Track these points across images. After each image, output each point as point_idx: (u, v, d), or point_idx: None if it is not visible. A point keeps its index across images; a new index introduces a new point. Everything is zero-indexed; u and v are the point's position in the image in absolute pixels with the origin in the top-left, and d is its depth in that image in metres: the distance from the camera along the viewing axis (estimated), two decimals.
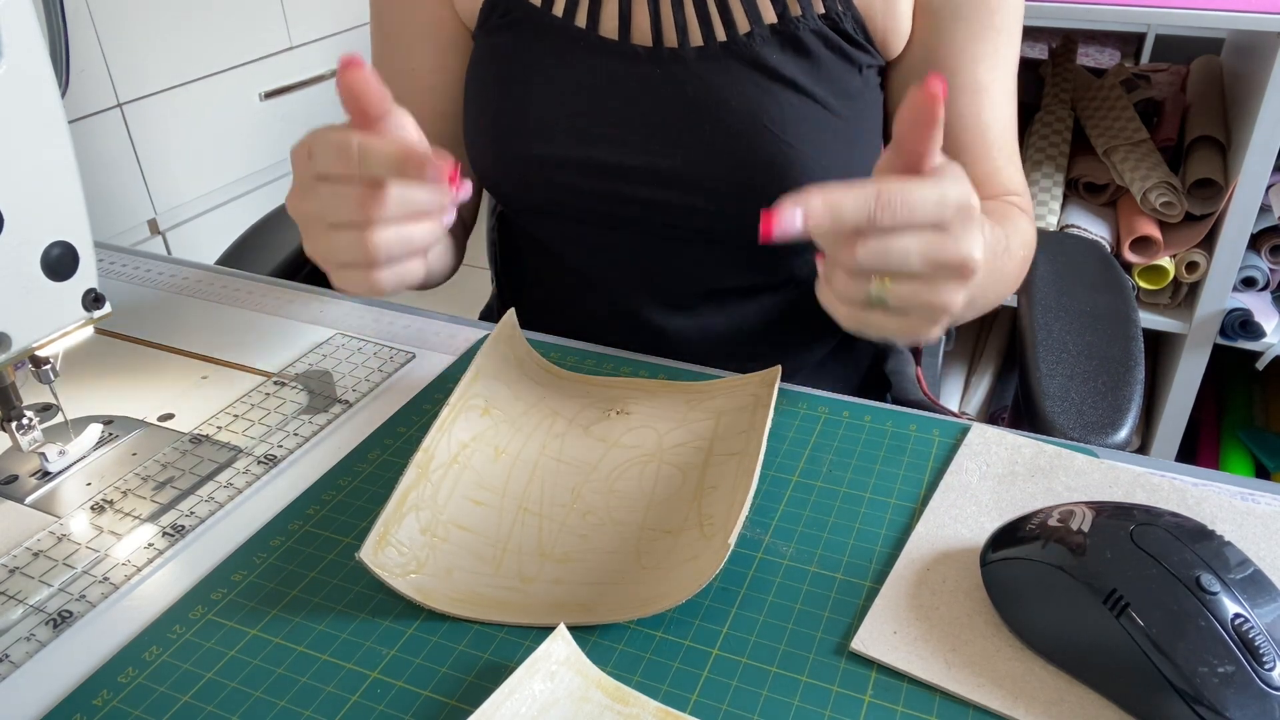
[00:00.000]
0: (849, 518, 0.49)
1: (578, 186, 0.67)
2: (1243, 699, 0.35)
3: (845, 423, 0.56)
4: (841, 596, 0.44)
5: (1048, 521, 0.42)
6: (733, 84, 0.63)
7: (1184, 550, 0.38)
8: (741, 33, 0.62)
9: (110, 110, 1.61)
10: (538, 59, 0.66)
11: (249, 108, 1.81)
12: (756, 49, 0.62)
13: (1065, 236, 1.25)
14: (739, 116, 0.62)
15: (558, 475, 0.53)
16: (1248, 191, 1.29)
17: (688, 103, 0.63)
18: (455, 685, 0.41)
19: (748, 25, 0.62)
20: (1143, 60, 1.88)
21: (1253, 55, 1.34)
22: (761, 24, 0.62)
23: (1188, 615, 0.36)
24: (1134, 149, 1.42)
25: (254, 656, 0.42)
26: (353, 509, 0.51)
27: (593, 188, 0.66)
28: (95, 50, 1.57)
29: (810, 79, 0.63)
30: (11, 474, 0.54)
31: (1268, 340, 1.39)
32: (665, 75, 0.64)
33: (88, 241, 0.50)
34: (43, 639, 0.44)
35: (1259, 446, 1.50)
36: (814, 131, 0.63)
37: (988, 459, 0.52)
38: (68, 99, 0.50)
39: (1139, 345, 0.72)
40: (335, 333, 0.68)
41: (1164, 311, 1.44)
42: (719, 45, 0.63)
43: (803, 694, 0.40)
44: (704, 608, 0.44)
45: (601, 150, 0.65)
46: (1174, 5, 1.28)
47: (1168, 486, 0.49)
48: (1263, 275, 1.38)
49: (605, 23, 0.64)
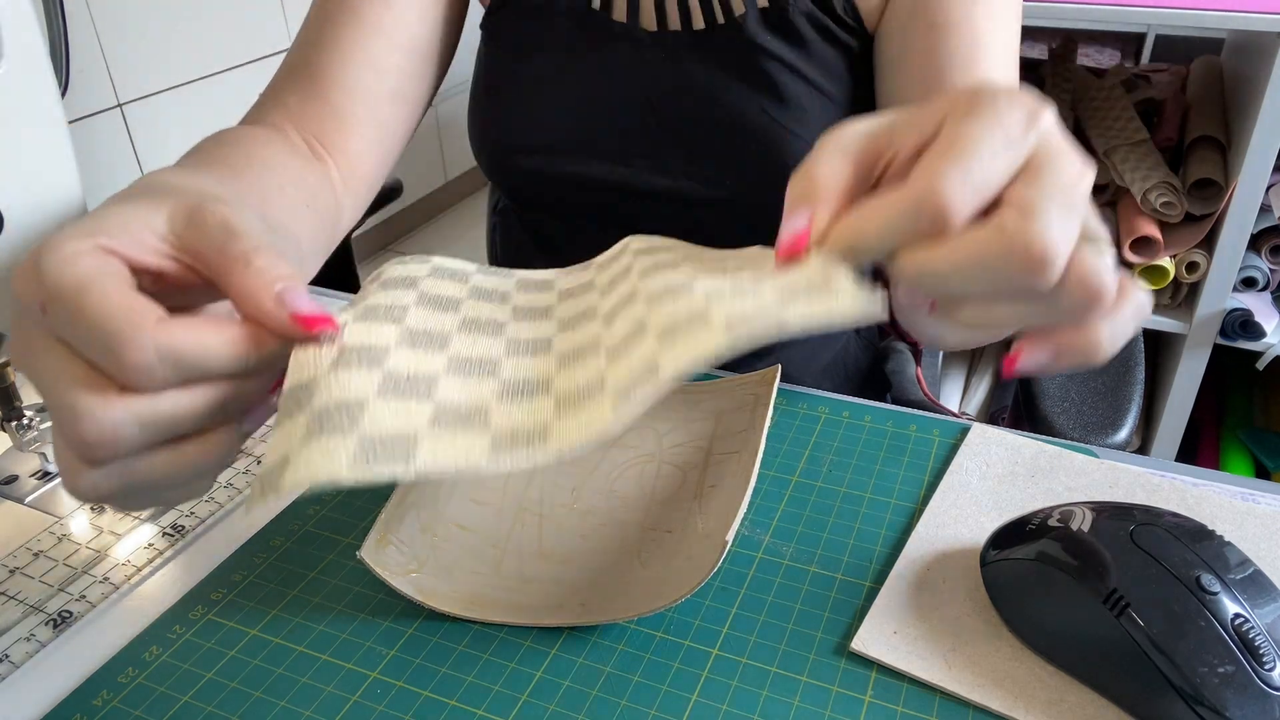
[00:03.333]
0: (849, 518, 0.49)
1: (581, 181, 0.67)
2: (1243, 699, 0.35)
3: (845, 423, 0.56)
4: (841, 596, 0.44)
5: (1048, 521, 0.42)
6: (730, 67, 0.63)
7: (1184, 550, 0.38)
8: (736, 15, 0.63)
9: (110, 110, 1.61)
10: (548, 46, 0.66)
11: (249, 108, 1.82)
12: (750, 32, 0.62)
13: None
14: (736, 99, 0.63)
15: (558, 475, 0.53)
16: (1248, 191, 1.29)
17: (688, 87, 0.64)
18: (455, 685, 0.41)
19: (742, 8, 0.63)
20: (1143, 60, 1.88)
21: (1253, 55, 1.34)
22: (754, 6, 0.63)
23: (1188, 615, 0.36)
24: (1134, 149, 1.42)
25: (254, 656, 0.42)
26: (353, 509, 0.51)
27: (596, 181, 0.67)
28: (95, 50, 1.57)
29: (802, 62, 0.63)
30: (11, 474, 0.54)
31: (1268, 340, 1.39)
32: (668, 59, 0.64)
33: None
34: (43, 639, 0.44)
35: (1259, 446, 1.50)
36: (809, 115, 0.63)
37: (988, 459, 0.52)
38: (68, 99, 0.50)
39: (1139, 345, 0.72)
40: None
41: (1164, 312, 1.44)
42: (718, 28, 0.63)
43: (803, 694, 0.40)
44: (704, 608, 0.44)
45: (608, 137, 0.66)
46: (1174, 5, 1.28)
47: (1168, 486, 0.49)
48: (1263, 275, 1.38)
49: (616, 7, 0.65)
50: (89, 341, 0.29)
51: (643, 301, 0.37)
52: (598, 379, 0.35)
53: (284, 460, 0.30)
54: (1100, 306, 0.31)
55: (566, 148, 0.67)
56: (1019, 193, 0.30)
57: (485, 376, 0.36)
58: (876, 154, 0.34)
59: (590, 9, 0.65)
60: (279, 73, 0.64)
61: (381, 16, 0.63)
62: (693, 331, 0.32)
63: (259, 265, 0.31)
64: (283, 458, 0.30)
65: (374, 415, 0.32)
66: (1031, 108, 0.31)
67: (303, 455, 0.30)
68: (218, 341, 0.30)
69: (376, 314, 0.37)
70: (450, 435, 0.32)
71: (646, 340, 0.34)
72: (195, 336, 0.30)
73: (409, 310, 0.38)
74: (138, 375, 0.29)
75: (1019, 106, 0.31)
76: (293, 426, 0.31)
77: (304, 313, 0.31)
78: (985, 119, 0.30)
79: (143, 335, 0.29)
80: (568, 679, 0.41)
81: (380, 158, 0.65)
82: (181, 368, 0.30)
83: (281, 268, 0.32)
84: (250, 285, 0.31)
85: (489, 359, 0.37)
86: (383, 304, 0.38)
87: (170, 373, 0.30)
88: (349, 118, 0.62)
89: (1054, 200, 0.29)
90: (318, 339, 0.33)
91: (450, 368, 0.36)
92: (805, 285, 0.32)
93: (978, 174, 0.30)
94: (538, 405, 0.35)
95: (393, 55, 0.64)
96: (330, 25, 0.63)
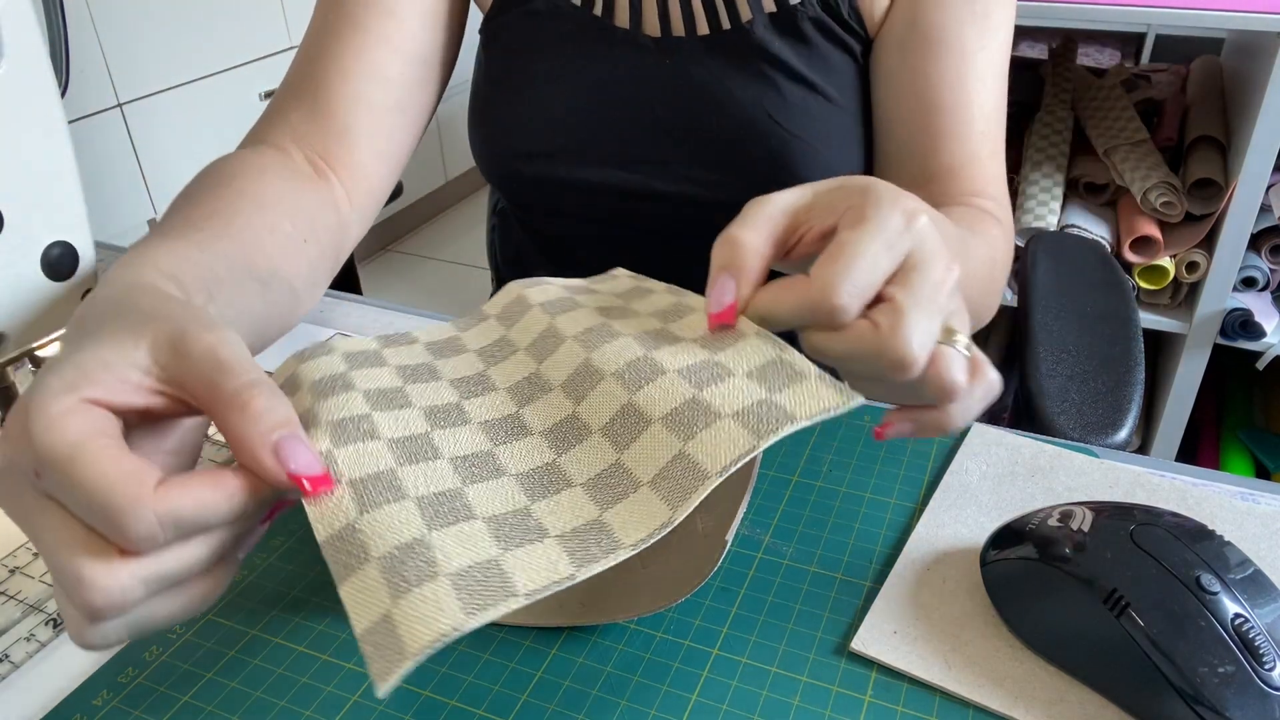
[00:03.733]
0: (849, 518, 0.49)
1: (584, 186, 0.67)
2: (1243, 699, 0.35)
3: (845, 423, 0.56)
4: (841, 596, 0.44)
5: (1048, 521, 0.42)
6: (735, 73, 0.63)
7: (1184, 550, 0.38)
8: (744, 20, 0.63)
9: (110, 110, 1.61)
10: (550, 52, 0.66)
11: (249, 108, 1.81)
12: (758, 37, 0.62)
13: (1065, 236, 1.25)
14: (741, 106, 0.63)
15: None
16: (1248, 191, 1.29)
17: (693, 92, 0.64)
18: (455, 685, 0.41)
19: (749, 14, 0.63)
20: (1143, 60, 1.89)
21: (1253, 55, 1.34)
22: (762, 12, 0.63)
23: (1188, 615, 0.36)
24: (1134, 149, 1.42)
25: (254, 656, 0.42)
26: None
27: (598, 186, 0.67)
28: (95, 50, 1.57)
29: (809, 68, 0.63)
30: None
31: (1268, 340, 1.39)
32: (672, 65, 0.64)
33: (88, 241, 0.50)
34: (43, 639, 0.44)
35: (1259, 446, 1.50)
36: (815, 121, 0.63)
37: (988, 459, 0.52)
38: (68, 99, 0.50)
39: (1139, 345, 0.72)
40: (335, 333, 0.68)
41: (1164, 311, 1.44)
42: (723, 33, 0.63)
43: (803, 694, 0.40)
44: (704, 608, 0.44)
45: (610, 143, 0.66)
46: (1174, 5, 1.28)
47: (1168, 486, 0.49)
48: (1263, 275, 1.38)
49: (619, 13, 0.65)
50: (87, 510, 0.29)
51: (612, 379, 0.40)
52: (618, 469, 0.37)
53: (387, 621, 0.30)
54: (952, 398, 0.38)
55: (568, 154, 0.67)
56: (894, 294, 0.36)
57: (495, 475, 0.38)
58: (793, 229, 0.40)
59: (592, 15, 0.65)
60: (283, 86, 0.64)
61: (385, 25, 0.63)
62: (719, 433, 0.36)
63: (254, 410, 0.31)
64: (383, 618, 0.30)
65: (444, 550, 0.33)
66: (910, 210, 0.37)
67: (409, 613, 0.30)
68: (216, 497, 0.30)
69: (349, 433, 0.37)
70: (524, 554, 0.34)
71: (654, 430, 0.37)
72: (194, 497, 0.30)
73: (372, 418, 0.38)
74: (141, 544, 0.29)
75: (900, 211, 0.37)
76: (367, 580, 0.32)
77: (302, 472, 0.32)
78: (870, 228, 0.37)
79: (141, 507, 0.29)
80: (568, 679, 0.41)
81: (386, 169, 0.65)
82: (183, 529, 0.30)
83: (277, 411, 0.32)
84: (247, 433, 0.31)
85: (482, 453, 0.39)
86: (344, 418, 0.37)
87: (173, 535, 0.30)
88: (353, 130, 0.62)
89: (920, 305, 0.36)
90: (316, 497, 0.33)
91: (460, 476, 0.37)
92: (766, 361, 0.38)
93: (862, 279, 0.36)
94: (574, 501, 0.36)
95: (397, 65, 0.63)
96: (332, 36, 0.63)
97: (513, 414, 0.41)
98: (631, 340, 0.42)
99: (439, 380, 0.43)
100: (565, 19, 0.65)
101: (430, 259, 2.74)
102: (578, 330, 0.44)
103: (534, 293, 0.48)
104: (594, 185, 0.67)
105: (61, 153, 0.48)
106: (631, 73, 0.65)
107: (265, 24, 1.86)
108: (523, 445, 0.39)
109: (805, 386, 0.38)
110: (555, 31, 0.66)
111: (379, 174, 0.64)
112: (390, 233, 2.76)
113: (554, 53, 0.66)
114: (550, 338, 0.44)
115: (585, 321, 0.44)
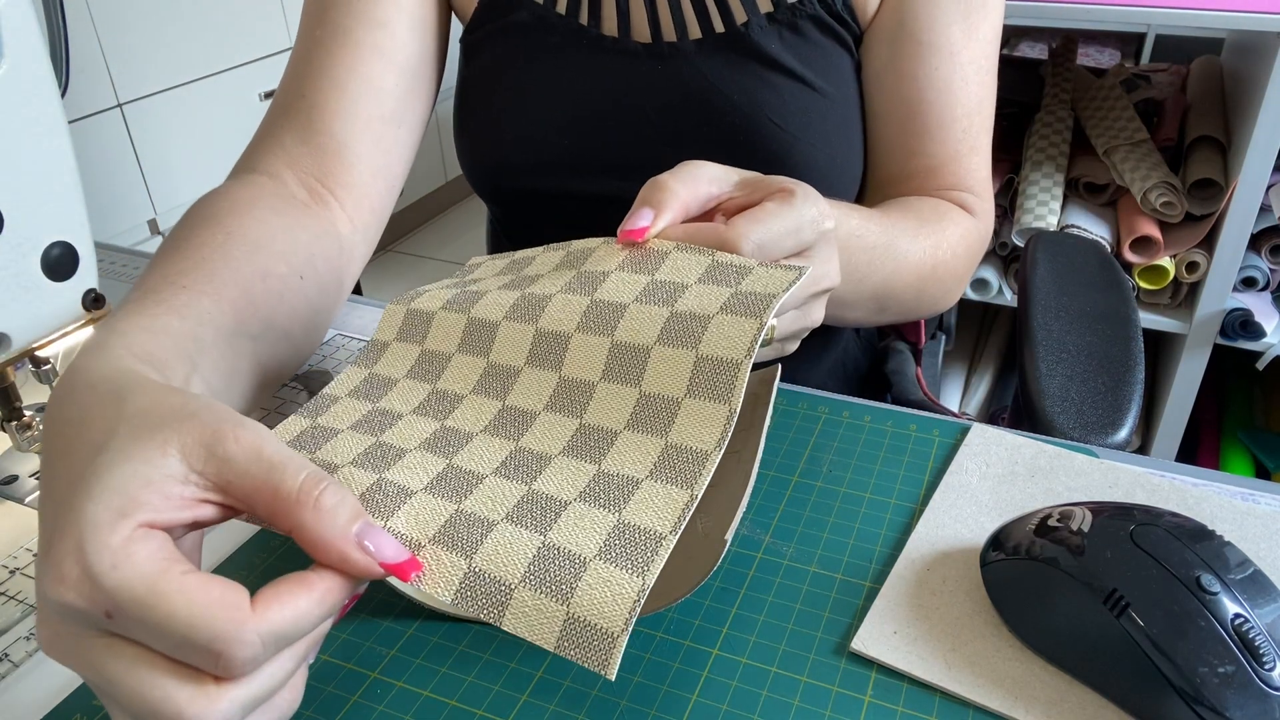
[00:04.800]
0: (849, 518, 0.49)
1: (578, 192, 0.67)
2: (1243, 699, 0.35)
3: (845, 423, 0.56)
4: (841, 596, 0.44)
5: (1047, 521, 0.42)
6: (732, 76, 0.63)
7: (1184, 550, 0.38)
8: (739, 23, 0.62)
9: (110, 110, 1.61)
10: (537, 63, 0.65)
11: (249, 108, 1.82)
12: (755, 39, 0.62)
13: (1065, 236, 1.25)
14: (739, 109, 0.62)
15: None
16: (1248, 191, 1.29)
17: (688, 97, 0.63)
18: (455, 685, 0.41)
19: (745, 15, 0.62)
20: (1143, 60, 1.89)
21: (1253, 55, 1.34)
22: (758, 13, 0.62)
23: (1188, 615, 0.36)
24: (1134, 149, 1.42)
25: None
26: None
27: (594, 192, 0.66)
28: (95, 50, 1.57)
29: (807, 66, 0.63)
30: (11, 474, 0.54)
31: (1268, 340, 1.39)
32: (665, 71, 0.64)
33: (88, 241, 0.50)
34: None
35: (1259, 446, 1.50)
36: (813, 121, 0.63)
37: (988, 459, 0.52)
38: (68, 99, 0.50)
39: (1139, 345, 0.72)
40: (335, 333, 0.68)
41: (1164, 311, 1.44)
42: (717, 37, 0.63)
43: (803, 694, 0.40)
44: (704, 608, 0.44)
45: (602, 152, 0.65)
46: (1174, 5, 1.28)
47: (1168, 486, 0.49)
48: (1263, 275, 1.38)
49: (606, 21, 0.64)
50: (178, 645, 0.28)
51: (579, 334, 0.42)
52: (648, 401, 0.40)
53: (572, 622, 0.32)
54: None
55: (561, 166, 0.66)
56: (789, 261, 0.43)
57: (543, 463, 0.38)
58: (715, 197, 0.47)
59: (578, 24, 0.64)
60: (273, 107, 0.62)
61: (377, 36, 0.61)
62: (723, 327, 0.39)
63: (327, 506, 0.30)
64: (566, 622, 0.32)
65: (572, 541, 0.34)
66: (825, 212, 0.46)
67: (588, 604, 0.32)
68: (310, 604, 0.30)
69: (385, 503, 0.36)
70: (637, 504, 0.36)
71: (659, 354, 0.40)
72: (291, 610, 0.29)
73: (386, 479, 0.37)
74: (245, 669, 0.28)
75: (818, 213, 0.45)
76: (523, 605, 0.33)
77: (391, 559, 0.32)
78: (789, 210, 0.44)
79: (245, 631, 0.28)
80: (568, 679, 0.41)
81: (386, 185, 0.63)
82: (283, 643, 0.29)
83: (348, 503, 0.31)
84: (327, 534, 0.30)
85: (515, 452, 0.40)
86: (362, 492, 0.36)
87: (273, 652, 0.29)
88: (351, 147, 0.60)
89: (783, 251, 0.44)
90: (419, 574, 0.33)
91: (517, 481, 0.38)
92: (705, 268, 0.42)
93: (769, 243, 0.43)
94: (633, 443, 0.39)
95: (391, 76, 0.62)
96: (322, 51, 0.61)
97: (503, 407, 0.42)
98: (568, 296, 0.43)
99: (399, 418, 0.42)
100: (551, 30, 0.64)
101: (430, 259, 2.74)
102: (501, 314, 0.44)
103: (421, 303, 0.47)
104: (587, 195, 0.66)
105: (61, 153, 0.48)
106: (622, 81, 0.64)
107: (265, 24, 1.86)
108: (538, 425, 0.40)
109: (756, 273, 0.41)
110: (541, 43, 0.65)
111: (379, 191, 0.63)
112: (390, 233, 2.76)
113: (540, 65, 0.65)
114: (480, 329, 0.44)
115: (505, 300, 0.45)
